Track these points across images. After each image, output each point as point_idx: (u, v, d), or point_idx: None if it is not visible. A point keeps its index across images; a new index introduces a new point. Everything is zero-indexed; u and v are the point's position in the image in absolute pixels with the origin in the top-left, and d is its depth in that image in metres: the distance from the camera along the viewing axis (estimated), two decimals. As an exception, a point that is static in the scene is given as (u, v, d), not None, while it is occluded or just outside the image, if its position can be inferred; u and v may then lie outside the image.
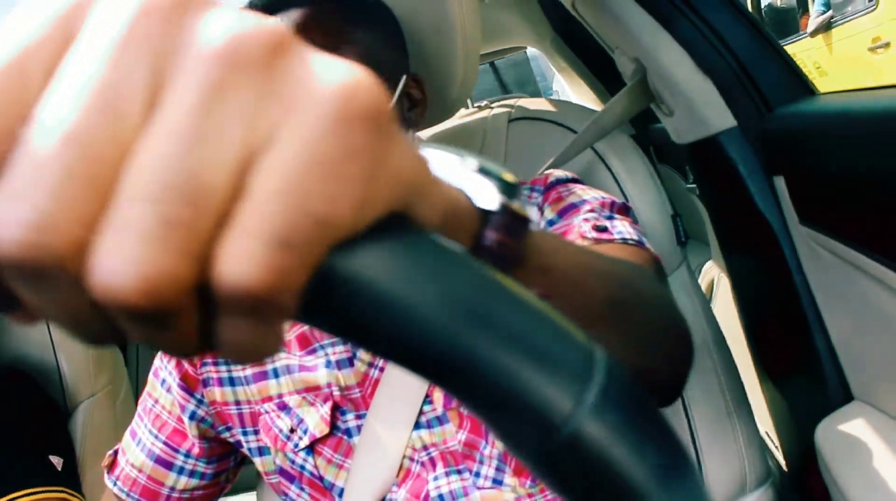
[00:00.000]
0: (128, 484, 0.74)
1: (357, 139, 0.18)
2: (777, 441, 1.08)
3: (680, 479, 0.20)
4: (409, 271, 0.19)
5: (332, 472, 0.69)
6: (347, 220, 0.18)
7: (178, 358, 0.20)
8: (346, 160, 0.18)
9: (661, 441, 0.21)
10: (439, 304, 0.19)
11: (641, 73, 0.98)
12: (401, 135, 0.20)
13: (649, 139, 1.87)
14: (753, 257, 0.96)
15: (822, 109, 0.80)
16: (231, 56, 0.17)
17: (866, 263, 0.71)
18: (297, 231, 0.17)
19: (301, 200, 0.17)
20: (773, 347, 1.00)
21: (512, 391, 0.19)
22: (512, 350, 0.19)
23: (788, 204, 0.84)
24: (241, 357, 0.19)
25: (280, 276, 0.17)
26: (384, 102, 0.19)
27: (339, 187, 0.17)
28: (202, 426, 0.74)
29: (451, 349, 0.19)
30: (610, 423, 0.20)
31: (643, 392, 0.21)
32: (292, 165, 0.17)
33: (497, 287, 0.20)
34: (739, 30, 0.88)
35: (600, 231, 0.61)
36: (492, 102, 1.22)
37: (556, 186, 0.71)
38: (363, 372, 0.68)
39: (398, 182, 0.20)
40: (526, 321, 0.20)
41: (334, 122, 0.17)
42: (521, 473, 0.66)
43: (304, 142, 0.17)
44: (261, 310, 0.18)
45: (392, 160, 0.19)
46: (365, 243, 0.19)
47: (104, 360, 1.24)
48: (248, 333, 0.18)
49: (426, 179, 0.21)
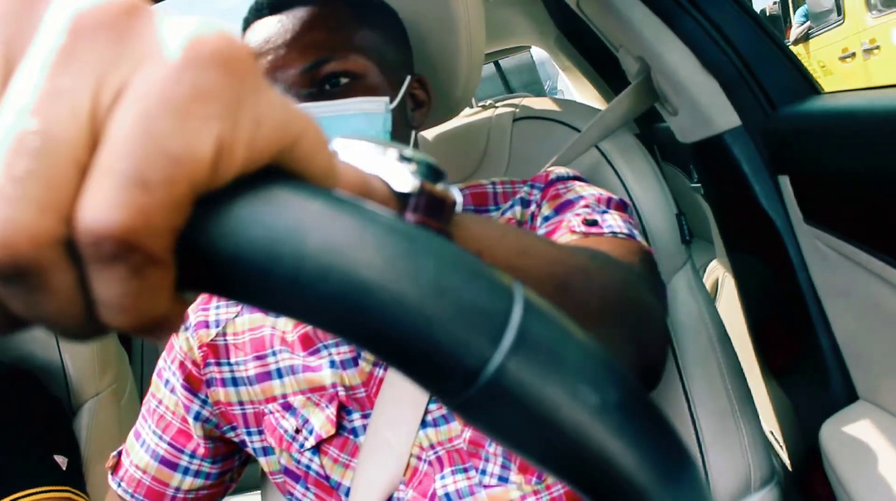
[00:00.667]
0: (132, 486, 0.74)
1: (208, 81, 0.18)
2: (782, 441, 1.08)
3: (619, 411, 0.19)
4: (277, 220, 0.19)
5: (339, 472, 0.69)
6: (205, 159, 0.18)
7: (74, 339, 0.20)
8: (197, 100, 0.18)
9: (595, 377, 0.19)
10: (314, 253, 0.18)
11: (646, 71, 0.98)
12: (266, 85, 0.20)
13: (654, 138, 1.86)
14: (758, 256, 0.96)
15: (827, 109, 0.80)
16: (82, 21, 0.18)
17: (871, 262, 0.70)
18: (152, 169, 0.17)
19: (153, 139, 0.17)
20: (777, 346, 1.00)
21: (419, 341, 0.18)
22: (415, 296, 0.18)
23: (793, 203, 0.84)
24: (130, 321, 0.19)
25: (139, 216, 0.17)
26: (239, 50, 0.19)
27: (193, 126, 0.18)
28: (207, 427, 0.74)
29: (337, 298, 0.18)
30: (533, 363, 0.19)
31: (570, 329, 0.20)
32: (143, 108, 0.17)
33: (390, 229, 0.19)
34: (744, 28, 0.87)
35: (590, 225, 0.60)
36: (496, 101, 1.21)
37: (555, 183, 0.71)
38: (368, 372, 0.68)
39: (267, 128, 0.20)
40: (428, 264, 0.19)
41: (183, 65, 0.18)
42: (526, 470, 0.66)
43: (154, 86, 0.18)
44: (127, 257, 0.18)
45: (256, 106, 0.19)
46: (234, 190, 0.19)
47: (109, 359, 1.25)
48: (122, 286, 0.18)
49: (306, 133, 0.21)
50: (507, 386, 0.18)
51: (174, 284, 0.19)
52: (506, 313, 0.19)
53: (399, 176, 0.30)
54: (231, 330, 0.73)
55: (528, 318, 0.19)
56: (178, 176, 0.18)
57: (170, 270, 0.19)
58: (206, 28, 0.19)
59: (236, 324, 0.73)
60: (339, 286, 0.18)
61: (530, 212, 0.71)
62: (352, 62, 0.63)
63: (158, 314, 0.19)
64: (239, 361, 0.72)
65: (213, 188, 0.19)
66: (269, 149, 0.20)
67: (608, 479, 0.19)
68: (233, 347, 0.72)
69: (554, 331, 0.20)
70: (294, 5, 0.64)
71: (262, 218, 0.19)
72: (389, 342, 0.19)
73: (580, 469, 0.19)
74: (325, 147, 0.22)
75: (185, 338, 0.74)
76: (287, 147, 0.20)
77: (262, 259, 0.18)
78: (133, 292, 0.18)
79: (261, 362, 0.71)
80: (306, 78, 0.63)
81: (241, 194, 0.19)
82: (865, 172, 0.70)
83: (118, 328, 0.19)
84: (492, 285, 0.19)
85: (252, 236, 0.18)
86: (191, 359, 0.73)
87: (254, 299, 0.19)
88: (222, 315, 0.74)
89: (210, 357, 0.72)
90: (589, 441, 0.19)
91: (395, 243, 0.19)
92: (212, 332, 0.73)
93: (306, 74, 0.63)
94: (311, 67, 0.62)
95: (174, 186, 0.18)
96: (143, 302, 0.18)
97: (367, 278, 0.18)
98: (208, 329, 0.73)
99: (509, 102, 1.15)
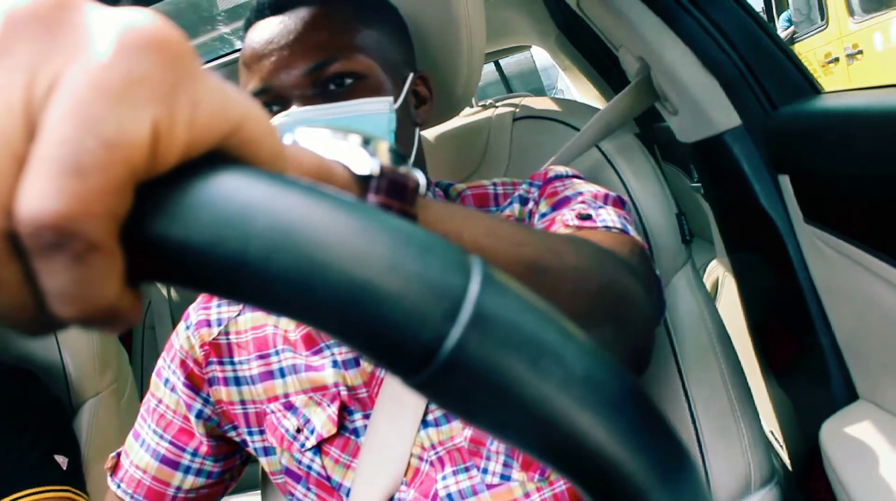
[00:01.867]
0: (132, 486, 0.73)
1: (140, 66, 0.18)
2: (782, 441, 1.08)
3: (585, 384, 0.19)
4: (223, 204, 0.18)
5: (340, 472, 0.69)
6: (141, 143, 0.18)
7: (27, 333, 0.20)
8: (130, 85, 0.18)
9: (559, 350, 0.19)
10: (260, 235, 0.18)
11: (646, 71, 0.98)
12: (204, 70, 0.20)
13: (654, 138, 1.86)
14: (758, 255, 0.96)
15: (827, 108, 0.80)
16: (13, 17, 0.18)
17: (871, 261, 0.70)
18: (87, 155, 0.17)
19: (87, 125, 0.17)
20: (777, 345, 1.00)
21: (372, 320, 0.18)
22: (365, 274, 0.18)
23: (793, 202, 0.84)
24: (80, 311, 0.19)
25: (76, 203, 0.17)
26: (172, 36, 0.19)
27: (127, 111, 0.18)
28: (209, 425, 0.74)
29: (286, 279, 0.18)
30: (493, 338, 0.18)
31: (533, 302, 0.20)
32: (76, 95, 0.18)
33: (338, 207, 0.19)
34: (744, 28, 0.87)
35: (583, 219, 0.60)
36: (496, 100, 1.21)
37: (553, 181, 0.71)
38: (370, 372, 0.68)
39: (207, 113, 0.20)
40: (379, 240, 0.18)
41: (115, 52, 0.18)
42: (528, 467, 0.66)
43: (87, 74, 0.18)
44: (67, 245, 0.17)
45: (193, 90, 0.19)
46: (178, 176, 0.19)
47: (109, 358, 1.25)
48: (66, 275, 0.18)
49: (249, 117, 0.21)
50: (468, 362, 0.18)
51: (123, 272, 0.19)
52: (462, 288, 0.18)
53: (359, 159, 0.30)
54: (233, 329, 0.73)
55: (487, 292, 0.19)
56: (113, 161, 0.18)
57: (115, 257, 0.18)
58: (138, 16, 0.19)
59: (238, 323, 0.73)
60: (287, 267, 0.18)
61: (528, 209, 0.71)
62: (355, 62, 0.63)
63: (107, 302, 0.19)
64: (242, 360, 0.72)
65: (155, 174, 0.19)
66: (210, 133, 0.20)
67: (577, 454, 0.19)
68: (236, 346, 0.72)
69: (515, 305, 0.19)
70: (296, 5, 0.64)
71: (208, 203, 0.19)
72: (342, 322, 0.18)
73: (549, 445, 0.19)
74: (270, 132, 0.22)
75: (186, 337, 0.74)
76: (230, 132, 0.20)
77: (208, 244, 0.18)
78: (78, 280, 0.18)
79: (264, 361, 0.71)
80: (310, 79, 0.63)
81: (185, 179, 0.19)
82: (866, 172, 0.70)
83: (70, 319, 0.19)
84: (447, 260, 0.19)
85: (198, 221, 0.18)
86: (192, 358, 0.73)
87: (204, 286, 0.19)
88: (224, 314, 0.74)
89: (212, 356, 0.72)
90: (554, 415, 0.18)
91: (344, 222, 0.18)
92: (213, 331, 0.73)
93: (310, 75, 0.63)
94: (315, 67, 0.62)
95: (111, 172, 0.18)
96: (90, 291, 0.18)
97: (315, 257, 0.18)
98: (210, 328, 0.73)
99: (509, 101, 1.15)
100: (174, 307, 1.89)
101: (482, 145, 1.06)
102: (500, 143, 1.05)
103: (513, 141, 1.04)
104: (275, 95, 0.64)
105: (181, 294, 1.88)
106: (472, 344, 0.18)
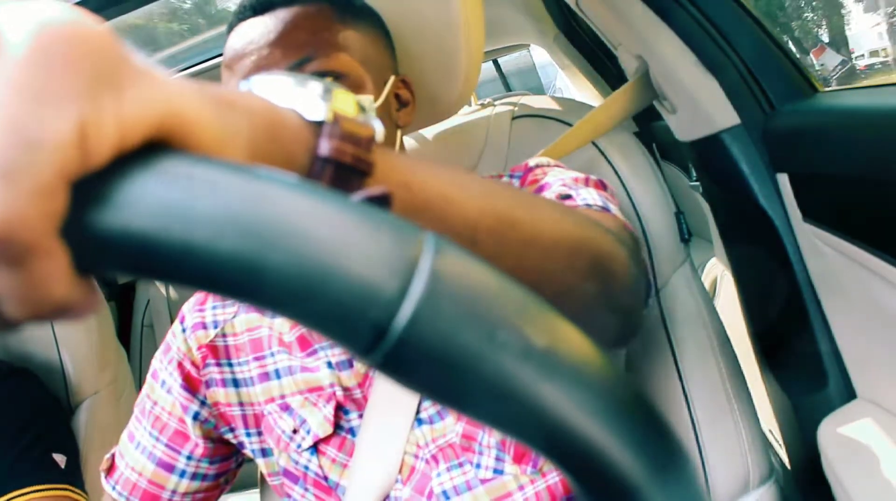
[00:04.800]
0: (127, 488, 0.73)
1: (59, 65, 0.18)
2: (780, 439, 1.08)
3: (545, 355, 0.18)
4: (163, 192, 0.18)
5: (337, 471, 0.69)
6: (68, 141, 0.18)
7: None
8: (51, 85, 0.18)
9: (518, 321, 0.19)
10: (202, 220, 0.18)
11: (644, 69, 0.98)
12: (131, 63, 0.20)
13: (652, 137, 1.86)
14: (757, 254, 0.96)
15: (826, 107, 0.80)
16: None
17: (870, 260, 0.70)
18: (13, 159, 0.17)
19: (10, 128, 0.17)
20: (776, 344, 1.00)
21: (320, 298, 0.18)
22: (311, 253, 0.18)
23: (792, 201, 0.84)
24: (32, 311, 0.19)
25: (8, 208, 0.17)
26: (92, 32, 0.19)
27: (49, 111, 0.18)
28: (205, 427, 0.73)
29: (232, 262, 0.18)
30: (448, 311, 0.18)
31: (489, 273, 0.19)
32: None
33: (279, 187, 0.19)
34: (743, 27, 0.87)
35: (563, 199, 0.60)
36: (495, 99, 1.21)
37: (533, 169, 0.71)
38: (363, 373, 0.68)
39: (136, 105, 0.19)
40: (325, 218, 0.18)
41: (32, 52, 0.18)
42: (521, 460, 0.66)
43: (5, 78, 0.17)
44: (6, 250, 0.17)
45: (118, 84, 0.19)
46: (116, 169, 0.19)
47: (108, 357, 1.25)
48: (10, 279, 0.18)
49: (184, 105, 0.21)
50: (422, 338, 0.18)
51: (69, 268, 0.19)
52: (412, 261, 0.18)
53: (312, 106, 0.30)
54: (230, 331, 0.73)
55: (439, 265, 0.18)
56: (41, 162, 0.17)
57: (58, 255, 0.18)
58: (54, 12, 0.19)
59: (235, 325, 0.73)
60: (232, 250, 0.18)
61: None
62: (335, 61, 0.63)
63: (57, 299, 0.19)
64: (241, 361, 0.72)
65: (90, 169, 0.19)
66: (143, 125, 0.20)
67: (543, 428, 0.18)
68: (233, 348, 0.72)
69: (469, 278, 0.19)
70: (277, 7, 0.64)
71: (148, 192, 0.18)
72: (294, 303, 0.18)
73: (514, 420, 0.19)
74: (206, 115, 0.22)
75: (182, 339, 0.73)
76: (164, 121, 0.20)
77: (149, 232, 0.18)
78: (23, 283, 0.18)
79: (260, 363, 0.71)
80: None
81: (122, 171, 0.19)
82: (864, 171, 0.70)
83: (24, 319, 0.19)
84: (398, 235, 0.19)
85: (138, 210, 0.18)
86: (189, 360, 0.73)
87: (152, 273, 0.19)
88: (220, 316, 0.73)
89: (210, 358, 0.72)
90: (515, 388, 0.18)
91: (289, 201, 0.18)
92: (210, 333, 0.73)
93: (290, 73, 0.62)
94: (294, 66, 0.62)
95: (39, 174, 0.17)
96: (36, 291, 0.18)
97: (260, 237, 0.18)
98: (206, 330, 0.73)
99: (508, 100, 1.14)
100: (172, 306, 1.89)
101: (480, 144, 1.06)
102: (499, 141, 1.05)
103: (511, 140, 1.04)
104: None
105: (179, 293, 1.88)
106: (425, 320, 0.18)
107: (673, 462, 0.20)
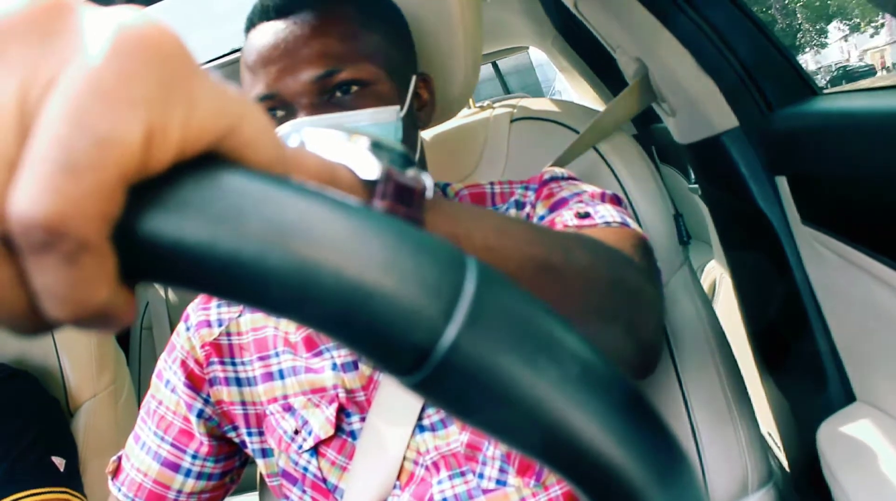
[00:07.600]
0: (133, 489, 0.73)
1: (134, 67, 0.18)
2: (779, 442, 1.08)
3: (581, 382, 0.19)
4: (216, 205, 0.18)
5: (336, 474, 0.69)
6: (134, 142, 0.18)
7: (21, 334, 0.20)
8: (124, 86, 0.18)
9: (556, 349, 0.19)
10: (252, 236, 0.18)
11: (643, 72, 0.98)
12: (200, 71, 0.20)
13: (651, 139, 1.87)
14: (755, 256, 0.96)
15: (825, 110, 0.80)
16: (7, 23, 0.18)
17: (868, 262, 0.71)
18: (79, 155, 0.17)
19: (80, 124, 0.17)
20: (775, 347, 1.00)
21: (365, 319, 0.18)
22: (358, 274, 0.18)
23: (791, 204, 0.84)
24: (72, 312, 0.19)
25: (67, 202, 0.17)
26: (167, 37, 0.19)
27: (120, 111, 0.18)
28: (209, 425, 0.74)
29: (278, 280, 0.18)
30: (490, 337, 0.18)
31: (530, 301, 0.20)
32: (69, 96, 0.18)
33: (331, 207, 0.19)
34: (742, 30, 0.87)
35: (582, 218, 0.61)
36: (494, 102, 1.21)
37: (549, 182, 0.71)
38: (368, 375, 0.68)
39: (202, 113, 0.20)
40: (373, 240, 0.18)
41: (110, 53, 0.18)
42: (524, 472, 0.66)
43: (81, 75, 0.18)
44: (58, 245, 0.17)
45: (188, 91, 0.19)
46: (173, 176, 0.19)
47: (107, 360, 1.25)
48: (57, 275, 0.18)
49: (246, 119, 0.21)
50: (464, 362, 0.18)
51: (115, 273, 0.19)
52: (457, 287, 0.18)
53: (365, 163, 0.30)
54: (234, 330, 0.73)
55: (483, 291, 0.19)
56: (106, 160, 0.18)
57: (107, 257, 0.18)
58: (133, 18, 0.19)
59: (240, 324, 0.73)
60: (281, 267, 0.18)
61: (525, 213, 0.71)
62: (362, 70, 0.64)
63: (100, 303, 0.19)
64: (245, 361, 0.72)
65: (149, 174, 0.19)
66: (206, 134, 0.20)
67: (573, 453, 0.19)
68: (237, 347, 0.72)
69: (511, 304, 0.19)
70: (302, 9, 0.64)
71: (201, 203, 0.18)
72: (337, 322, 0.18)
73: (545, 445, 0.19)
74: (269, 133, 0.22)
75: (186, 337, 0.74)
76: (226, 133, 0.20)
77: (201, 244, 0.18)
78: (69, 280, 0.18)
79: (264, 362, 0.71)
80: (317, 86, 0.63)
81: (179, 179, 0.19)
82: (863, 173, 0.71)
83: (63, 320, 0.19)
84: (443, 259, 0.19)
85: (190, 222, 0.18)
86: (193, 358, 0.73)
87: (198, 286, 0.19)
88: (224, 315, 0.74)
89: (213, 356, 0.72)
90: (550, 414, 0.18)
91: (339, 222, 0.18)
92: (214, 331, 0.73)
93: (318, 83, 0.63)
94: (323, 76, 0.62)
95: (103, 171, 0.18)
96: (81, 291, 0.18)
97: (309, 257, 0.18)
98: (210, 328, 0.73)
99: (507, 102, 1.15)
100: (171, 309, 1.88)
101: (480, 146, 1.06)
102: (498, 144, 1.05)
103: (510, 142, 1.04)
104: (280, 101, 0.64)
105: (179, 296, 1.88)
106: (467, 344, 0.18)
107: (683, 480, 0.20)
